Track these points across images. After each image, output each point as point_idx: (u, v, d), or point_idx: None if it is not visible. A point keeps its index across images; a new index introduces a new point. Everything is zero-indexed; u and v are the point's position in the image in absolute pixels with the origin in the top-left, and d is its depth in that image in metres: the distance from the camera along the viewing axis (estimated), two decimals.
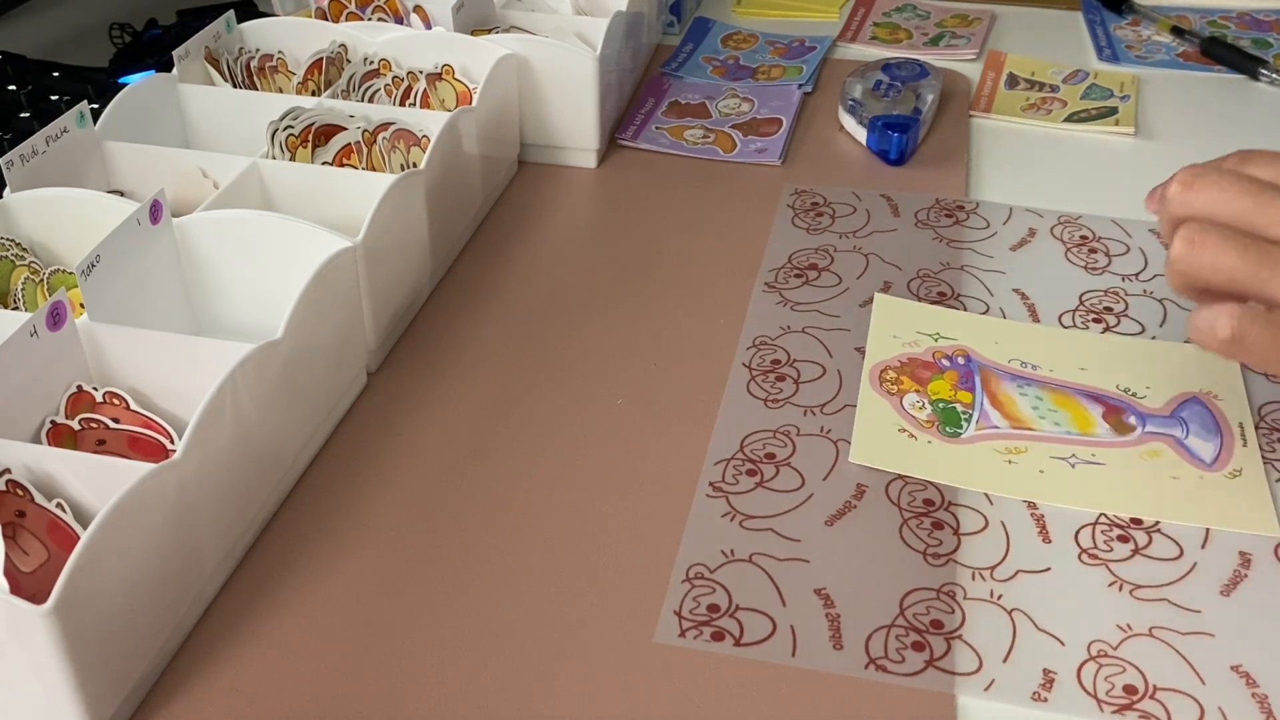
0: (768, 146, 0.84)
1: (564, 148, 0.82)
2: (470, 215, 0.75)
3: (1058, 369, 0.62)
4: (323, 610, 0.50)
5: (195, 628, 0.49)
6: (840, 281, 0.70)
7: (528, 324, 0.67)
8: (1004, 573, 0.51)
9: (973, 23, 1.03)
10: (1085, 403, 0.59)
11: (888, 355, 0.63)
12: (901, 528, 0.53)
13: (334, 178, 0.65)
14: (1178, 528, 0.53)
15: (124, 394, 0.51)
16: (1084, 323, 0.66)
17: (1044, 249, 0.73)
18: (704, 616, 0.49)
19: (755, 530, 0.53)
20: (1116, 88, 0.91)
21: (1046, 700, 0.46)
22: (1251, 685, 0.46)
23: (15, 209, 0.60)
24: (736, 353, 0.64)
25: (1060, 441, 0.57)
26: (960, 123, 0.87)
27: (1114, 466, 0.56)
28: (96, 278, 0.52)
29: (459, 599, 0.50)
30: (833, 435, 0.59)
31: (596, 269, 0.72)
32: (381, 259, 0.61)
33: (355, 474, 0.57)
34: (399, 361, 0.64)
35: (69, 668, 0.40)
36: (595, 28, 0.82)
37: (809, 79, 0.93)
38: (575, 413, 0.60)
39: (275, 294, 0.54)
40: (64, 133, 0.64)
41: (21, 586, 0.43)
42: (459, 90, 0.77)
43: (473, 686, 0.46)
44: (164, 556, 0.45)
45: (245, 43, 0.80)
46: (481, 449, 0.58)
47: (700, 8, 1.07)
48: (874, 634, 0.48)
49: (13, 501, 0.45)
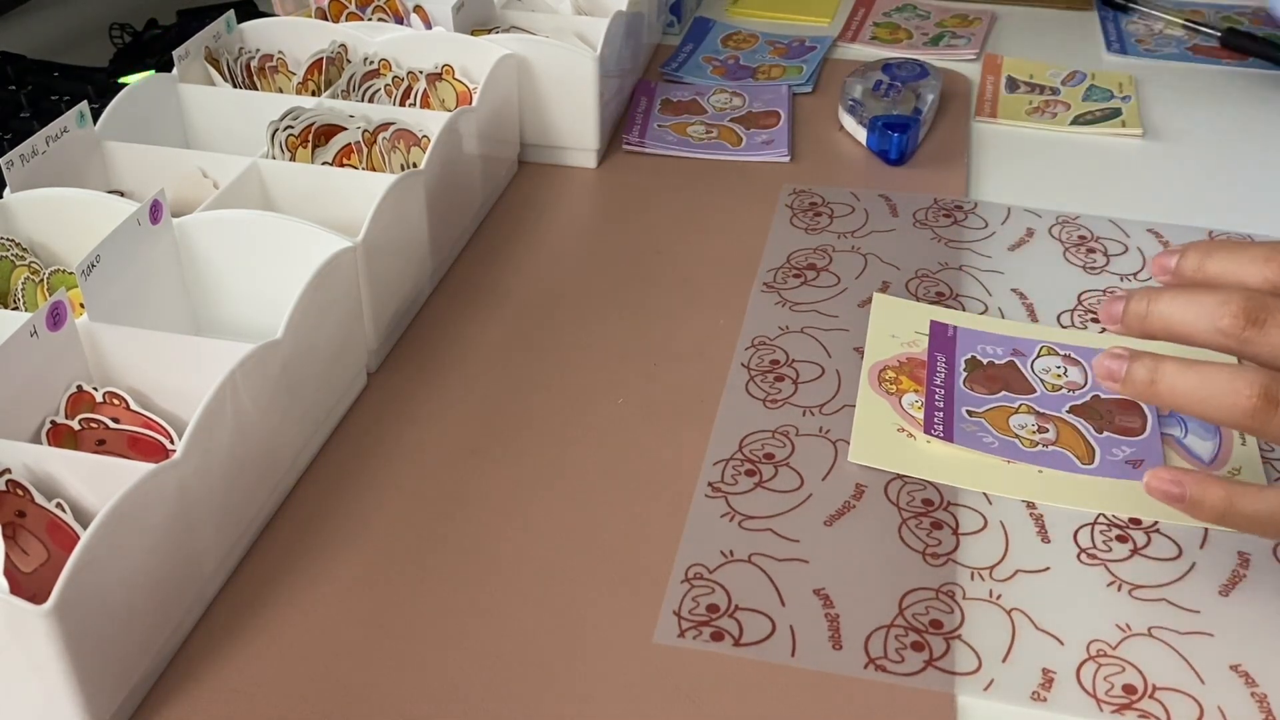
0: (773, 138, 0.84)
1: (564, 148, 0.82)
2: (470, 215, 0.75)
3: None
4: (323, 610, 0.50)
5: (195, 628, 0.49)
6: (839, 281, 0.70)
7: (528, 324, 0.67)
8: (1003, 572, 0.51)
9: (973, 23, 1.03)
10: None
11: (886, 355, 0.63)
12: (900, 528, 0.53)
13: (334, 178, 0.65)
14: (1176, 527, 0.53)
15: (124, 394, 0.51)
16: (1082, 323, 0.66)
17: (1042, 249, 0.73)
18: (703, 616, 0.49)
19: (754, 530, 0.53)
20: (1115, 88, 0.91)
21: (1046, 700, 0.46)
22: (1251, 685, 0.46)
23: (15, 209, 0.60)
24: (735, 353, 0.64)
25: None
26: (960, 123, 0.87)
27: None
28: (96, 278, 0.52)
29: (459, 599, 0.50)
30: (832, 435, 0.59)
31: (596, 269, 0.72)
32: (381, 259, 0.61)
33: (355, 474, 0.57)
34: (399, 361, 0.64)
35: (69, 668, 0.40)
36: (595, 28, 0.82)
37: (809, 79, 0.93)
38: (575, 413, 0.60)
39: (275, 294, 0.55)
40: (64, 133, 0.64)
41: (21, 586, 0.43)
42: (459, 90, 0.77)
43: (472, 686, 0.46)
44: (164, 556, 0.45)
45: (245, 43, 0.80)
46: (481, 449, 0.58)
47: (700, 8, 1.07)
48: (873, 634, 0.48)
49: (13, 501, 0.45)
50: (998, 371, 0.62)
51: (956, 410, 0.59)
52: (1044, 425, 0.58)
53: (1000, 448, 0.57)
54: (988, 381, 0.61)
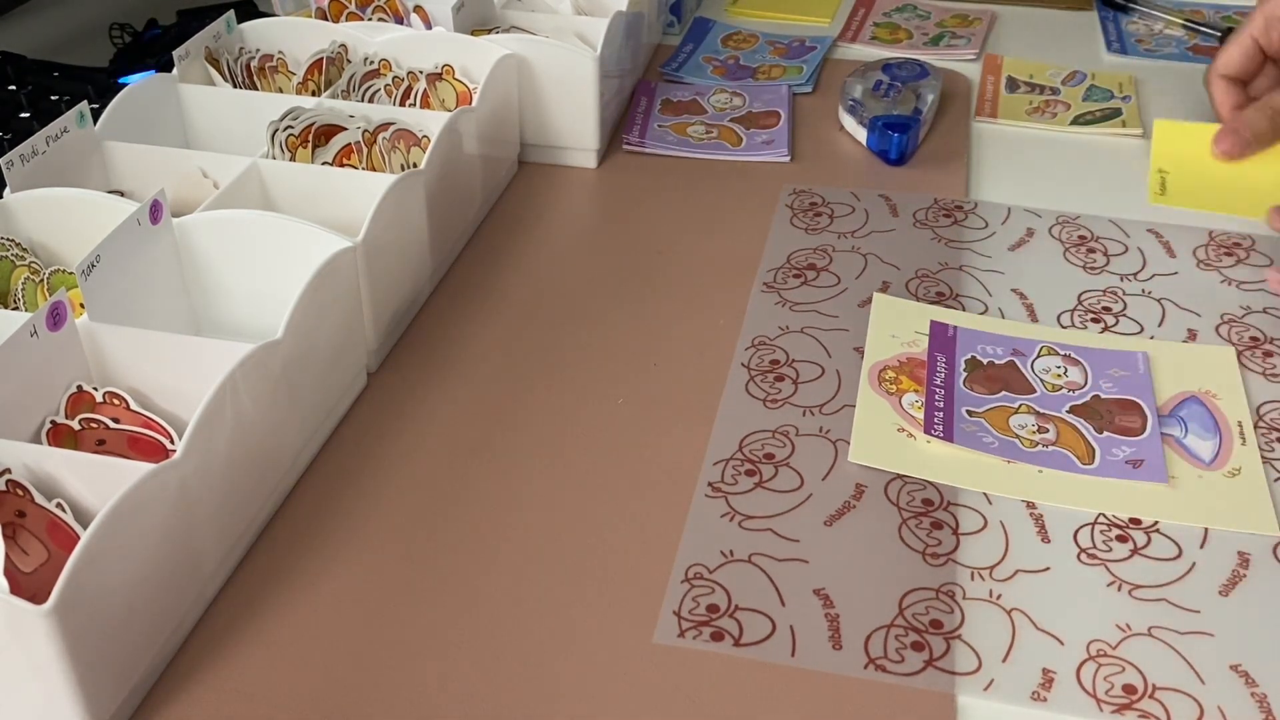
0: (773, 138, 0.84)
1: (564, 148, 0.82)
2: (470, 215, 0.75)
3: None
4: (323, 610, 0.50)
5: (195, 628, 0.49)
6: (839, 282, 0.70)
7: (528, 324, 0.67)
8: (1003, 572, 0.51)
9: (973, 23, 1.03)
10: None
11: (887, 355, 0.63)
12: (900, 528, 0.53)
13: (334, 178, 0.65)
14: (1176, 527, 0.53)
15: (124, 394, 0.51)
16: (1082, 323, 0.66)
17: (1042, 249, 0.73)
18: (703, 617, 0.49)
19: (754, 530, 0.53)
20: (1115, 88, 0.91)
21: (1046, 700, 0.46)
22: (1251, 685, 0.46)
23: (15, 209, 0.60)
24: (735, 353, 0.64)
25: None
26: (960, 123, 0.87)
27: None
28: (96, 278, 0.52)
29: (458, 599, 0.50)
30: (832, 435, 0.59)
31: (596, 269, 0.72)
32: (381, 259, 0.61)
33: (355, 474, 0.57)
34: (399, 361, 0.64)
35: (69, 668, 0.40)
36: (595, 28, 0.82)
37: (809, 79, 0.93)
38: (575, 413, 0.60)
39: (275, 294, 0.55)
40: (64, 133, 0.64)
41: (21, 586, 0.43)
42: (459, 90, 0.77)
43: (472, 686, 0.46)
44: (164, 556, 0.45)
45: (245, 43, 0.80)
46: (481, 449, 0.58)
47: (700, 8, 1.07)
48: (873, 634, 0.48)
49: (13, 501, 0.45)
50: (998, 371, 0.62)
51: (956, 410, 0.59)
52: (1044, 425, 0.58)
53: (1000, 448, 0.57)
54: (988, 381, 0.61)
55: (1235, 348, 0.64)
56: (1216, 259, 0.72)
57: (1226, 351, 0.64)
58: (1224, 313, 0.67)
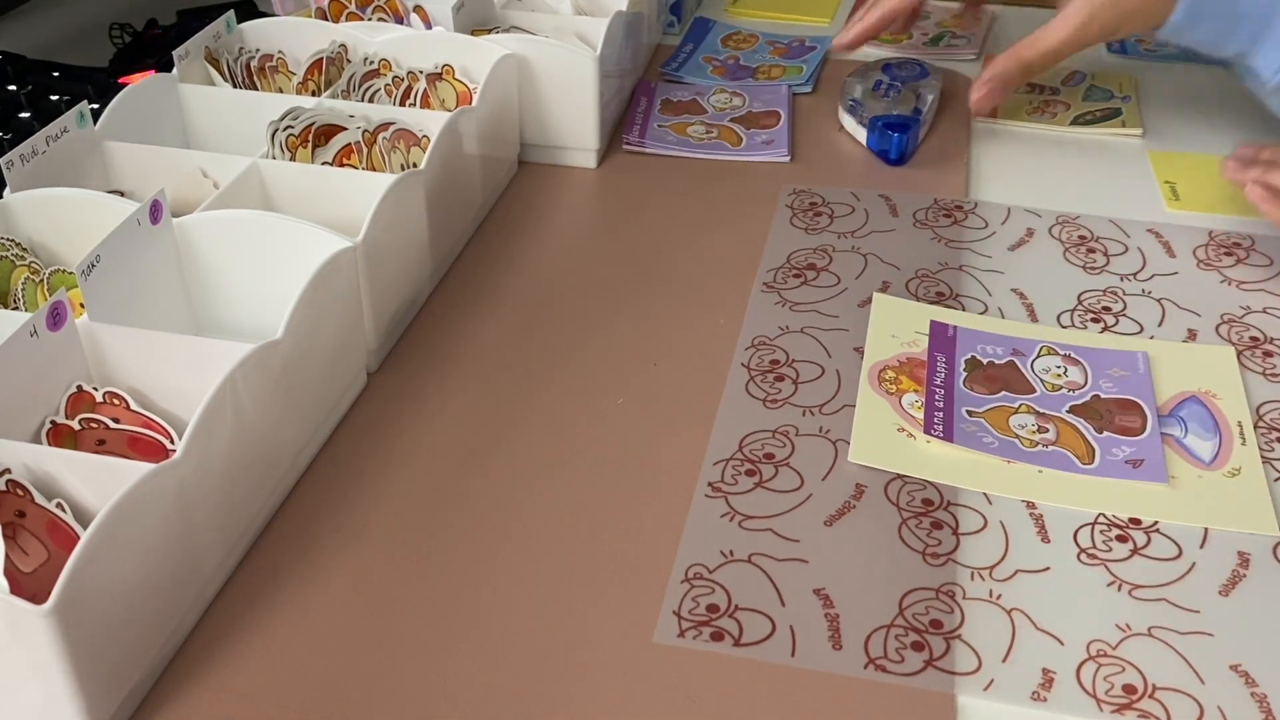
0: (773, 138, 0.84)
1: (564, 148, 0.82)
2: (470, 215, 0.75)
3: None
4: (323, 610, 0.50)
5: (195, 628, 0.49)
6: (839, 281, 0.70)
7: (528, 324, 0.67)
8: (1003, 572, 0.51)
9: (973, 23, 1.03)
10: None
11: (887, 355, 0.63)
12: (900, 528, 0.53)
13: (334, 178, 0.65)
14: (1176, 527, 0.53)
15: (124, 394, 0.51)
16: (1082, 323, 0.66)
17: (1042, 249, 0.73)
18: (703, 616, 0.49)
19: (754, 530, 0.53)
20: (1115, 88, 0.91)
21: (1046, 700, 0.46)
22: (1250, 684, 0.46)
23: (15, 209, 0.60)
24: (735, 353, 0.64)
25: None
26: (960, 123, 0.87)
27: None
28: (96, 278, 0.52)
29: (458, 599, 0.50)
30: (832, 435, 0.59)
31: (596, 269, 0.72)
32: (381, 259, 0.61)
33: (355, 474, 0.57)
34: (399, 361, 0.64)
35: (69, 668, 0.40)
36: (595, 28, 0.82)
37: (809, 79, 0.93)
38: (575, 413, 0.60)
39: (275, 294, 0.55)
40: (64, 133, 0.64)
41: (21, 586, 0.43)
42: (459, 90, 0.77)
43: (472, 686, 0.46)
44: (164, 556, 0.45)
45: (245, 43, 0.80)
46: (481, 449, 0.58)
47: (700, 8, 1.07)
48: (873, 634, 0.48)
49: (13, 501, 0.45)
50: (998, 371, 0.62)
51: (956, 410, 0.59)
52: (1044, 425, 0.58)
53: (1000, 448, 0.57)
54: (988, 381, 0.61)
55: (1235, 348, 0.64)
56: (1216, 259, 0.72)
57: (1226, 351, 0.64)
58: (1224, 313, 0.67)
